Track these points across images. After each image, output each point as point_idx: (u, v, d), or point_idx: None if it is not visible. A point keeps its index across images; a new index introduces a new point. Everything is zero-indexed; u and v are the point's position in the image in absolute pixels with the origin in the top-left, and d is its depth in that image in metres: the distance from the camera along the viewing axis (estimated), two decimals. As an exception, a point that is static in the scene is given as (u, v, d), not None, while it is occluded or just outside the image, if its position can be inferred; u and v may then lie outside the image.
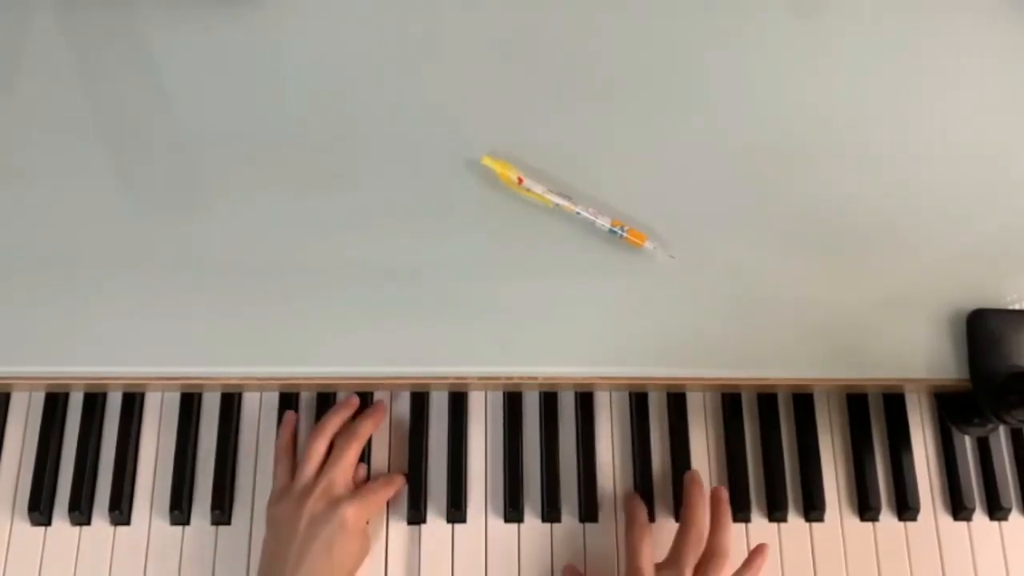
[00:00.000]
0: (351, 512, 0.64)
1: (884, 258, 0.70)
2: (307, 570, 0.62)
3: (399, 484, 0.70)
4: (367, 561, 0.68)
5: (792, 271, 0.69)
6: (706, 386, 0.74)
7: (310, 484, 0.66)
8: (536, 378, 0.67)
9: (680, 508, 0.70)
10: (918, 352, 0.68)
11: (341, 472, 0.67)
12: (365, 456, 0.71)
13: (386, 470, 0.71)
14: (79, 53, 0.71)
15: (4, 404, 0.72)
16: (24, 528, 0.69)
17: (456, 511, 0.70)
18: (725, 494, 0.70)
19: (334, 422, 0.69)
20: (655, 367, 0.67)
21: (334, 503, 0.65)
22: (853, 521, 0.73)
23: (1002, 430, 0.76)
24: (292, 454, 0.70)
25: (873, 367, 0.68)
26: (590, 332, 0.67)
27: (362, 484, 0.69)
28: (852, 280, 0.69)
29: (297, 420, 0.72)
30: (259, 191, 0.68)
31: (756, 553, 0.67)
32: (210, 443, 0.71)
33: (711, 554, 0.66)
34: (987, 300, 0.69)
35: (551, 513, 0.71)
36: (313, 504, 0.64)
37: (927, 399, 0.76)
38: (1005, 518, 0.74)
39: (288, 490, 0.66)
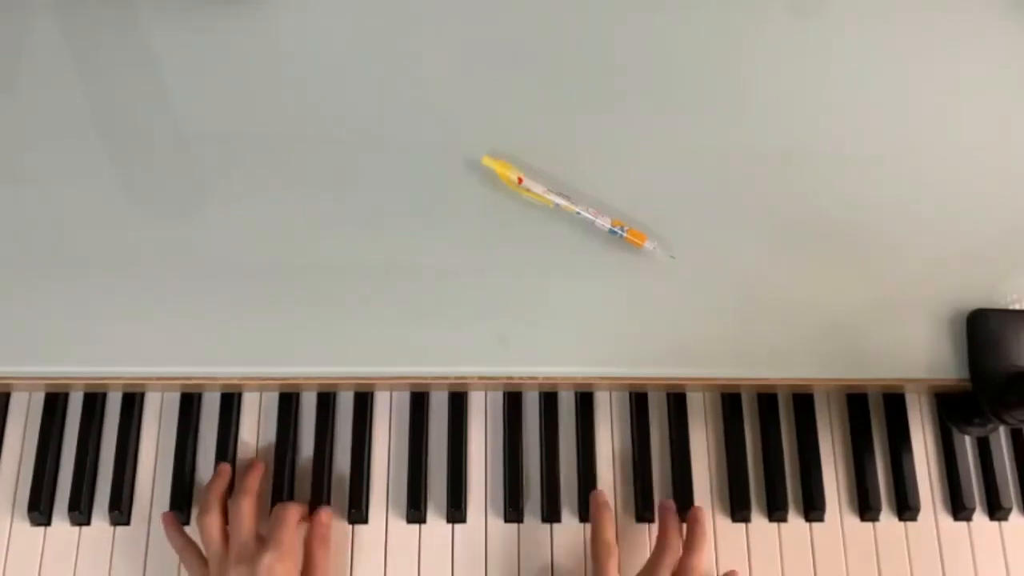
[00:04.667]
0: (268, 559, 0.63)
1: (884, 258, 0.70)
2: None
3: (298, 510, 0.68)
4: (367, 561, 0.69)
5: (792, 271, 0.69)
6: (706, 386, 0.74)
7: (222, 559, 0.64)
8: (536, 378, 0.67)
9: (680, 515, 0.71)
10: (918, 352, 0.68)
11: (245, 531, 0.65)
12: (365, 457, 0.71)
13: (386, 469, 0.71)
14: (79, 53, 0.71)
15: (4, 404, 0.72)
16: (24, 528, 0.69)
17: (456, 511, 0.70)
18: (702, 515, 0.70)
19: (215, 493, 0.67)
20: (655, 367, 0.67)
21: (251, 562, 0.63)
22: (853, 521, 0.73)
23: (1002, 430, 0.76)
24: (193, 546, 0.67)
25: (873, 367, 0.68)
26: (590, 332, 0.67)
27: (273, 525, 0.66)
28: (852, 280, 0.69)
29: (176, 517, 0.69)
30: (258, 191, 0.68)
31: None
32: (210, 443, 0.71)
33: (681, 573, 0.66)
34: (987, 300, 0.69)
35: (551, 513, 0.71)
36: (235, 574, 0.63)
37: (927, 399, 0.76)
38: (1005, 518, 0.74)
39: None
